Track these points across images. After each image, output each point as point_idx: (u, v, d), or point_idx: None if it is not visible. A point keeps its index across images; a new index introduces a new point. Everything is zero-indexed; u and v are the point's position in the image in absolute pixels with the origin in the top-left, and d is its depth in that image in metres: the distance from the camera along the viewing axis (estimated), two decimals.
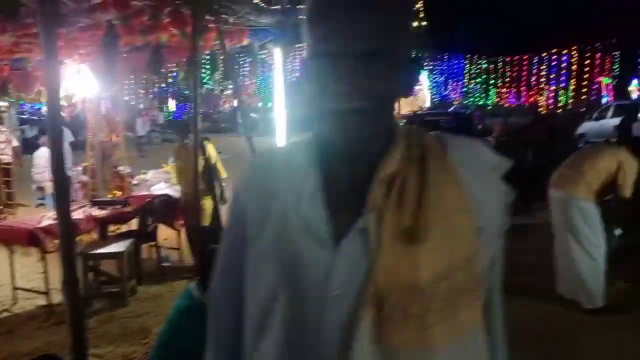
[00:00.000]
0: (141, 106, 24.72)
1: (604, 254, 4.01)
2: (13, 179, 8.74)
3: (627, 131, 5.57)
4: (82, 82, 6.75)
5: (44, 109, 12.73)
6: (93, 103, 7.39)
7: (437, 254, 0.74)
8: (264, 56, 6.23)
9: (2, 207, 8.42)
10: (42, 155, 8.21)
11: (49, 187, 7.90)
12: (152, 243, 5.72)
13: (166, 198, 6.08)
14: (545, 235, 4.66)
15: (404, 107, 24.20)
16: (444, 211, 0.76)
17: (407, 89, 0.82)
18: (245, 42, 5.13)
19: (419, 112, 14.93)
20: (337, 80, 0.73)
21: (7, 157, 8.67)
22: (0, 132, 8.85)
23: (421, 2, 27.15)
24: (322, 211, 0.79)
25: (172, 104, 37.29)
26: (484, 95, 25.90)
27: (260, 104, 30.15)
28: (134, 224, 5.86)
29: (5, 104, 9.81)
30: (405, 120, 12.68)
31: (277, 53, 5.20)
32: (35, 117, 20.06)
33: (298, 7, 4.73)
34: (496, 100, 25.02)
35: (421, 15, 26.41)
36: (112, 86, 6.38)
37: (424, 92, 26.49)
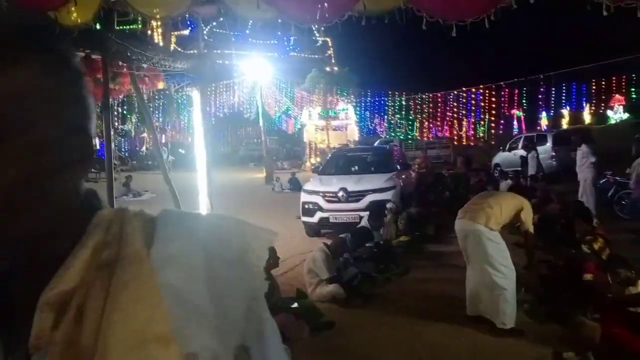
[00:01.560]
0: None
1: (514, 278, 4.34)
2: None
3: (524, 163, 6.21)
4: None
5: None
6: None
7: None
8: (181, 98, 6.33)
9: None
10: None
11: None
12: None
13: None
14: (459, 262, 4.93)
15: (333, 140, 24.85)
16: (133, 343, 0.50)
17: (76, 161, 0.57)
18: (160, 85, 5.20)
19: (343, 146, 15.40)
20: None
21: None
22: None
23: (331, 50, 29.42)
24: None
25: (96, 142, 35.96)
26: (407, 129, 27.21)
27: (190, 140, 29.94)
28: None
29: None
30: (330, 155, 13.03)
31: (195, 94, 5.35)
32: None
33: (215, 51, 4.87)
34: (417, 134, 26.50)
35: (333, 60, 28.62)
36: None
37: (352, 126, 27.42)
